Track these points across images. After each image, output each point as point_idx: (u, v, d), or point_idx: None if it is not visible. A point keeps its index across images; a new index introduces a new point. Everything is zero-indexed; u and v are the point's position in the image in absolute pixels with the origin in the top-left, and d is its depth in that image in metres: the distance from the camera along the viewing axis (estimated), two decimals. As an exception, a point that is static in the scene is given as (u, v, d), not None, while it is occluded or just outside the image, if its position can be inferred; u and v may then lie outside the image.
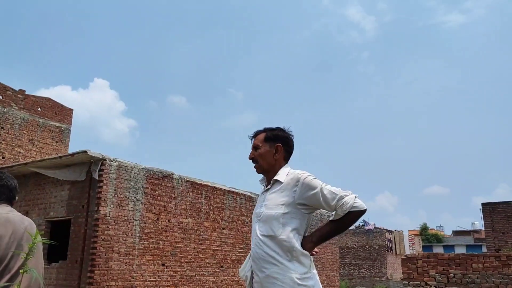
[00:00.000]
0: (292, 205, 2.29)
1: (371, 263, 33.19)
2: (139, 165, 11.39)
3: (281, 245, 2.24)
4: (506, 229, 20.80)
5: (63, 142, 18.42)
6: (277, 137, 2.51)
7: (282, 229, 2.26)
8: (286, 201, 2.30)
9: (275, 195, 2.36)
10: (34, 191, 12.01)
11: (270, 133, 2.54)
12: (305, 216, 2.32)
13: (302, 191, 2.28)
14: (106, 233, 10.27)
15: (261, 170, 2.53)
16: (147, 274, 11.00)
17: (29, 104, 17.39)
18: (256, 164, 2.53)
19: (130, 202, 10.93)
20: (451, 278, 9.56)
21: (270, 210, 2.32)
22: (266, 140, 2.51)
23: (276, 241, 2.26)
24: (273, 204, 2.33)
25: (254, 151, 2.53)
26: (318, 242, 2.30)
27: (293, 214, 2.29)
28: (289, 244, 2.24)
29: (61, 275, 10.57)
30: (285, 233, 2.25)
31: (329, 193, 2.25)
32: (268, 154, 2.49)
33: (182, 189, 12.39)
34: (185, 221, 12.29)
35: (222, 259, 13.22)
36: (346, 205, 2.21)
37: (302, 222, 2.31)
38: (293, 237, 2.25)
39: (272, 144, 2.50)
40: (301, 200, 2.29)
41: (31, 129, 17.21)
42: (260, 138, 2.54)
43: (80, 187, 10.90)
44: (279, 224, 2.27)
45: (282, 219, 2.27)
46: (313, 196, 2.26)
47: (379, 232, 33.94)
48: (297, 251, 2.23)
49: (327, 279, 18.11)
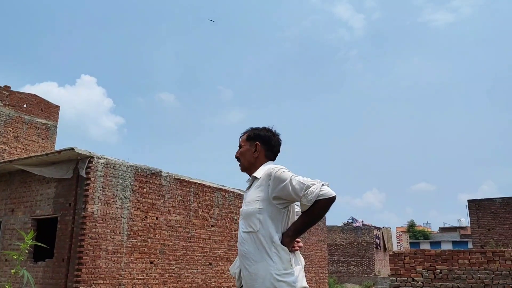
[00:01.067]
0: (267, 200, 2.30)
1: (359, 260, 33.44)
2: (127, 162, 11.30)
3: (260, 240, 2.25)
4: (491, 226, 21.11)
5: (50, 139, 18.19)
6: (257, 136, 2.57)
7: (260, 224, 2.27)
8: (262, 197, 2.31)
9: (253, 191, 2.40)
10: (19, 189, 11.84)
11: (251, 132, 2.61)
12: (281, 211, 2.31)
13: (274, 185, 2.29)
14: (93, 231, 10.17)
15: (243, 168, 2.59)
16: (135, 272, 10.93)
17: (15, 100, 17.13)
18: (239, 162, 2.61)
19: (118, 200, 10.84)
20: (437, 274, 9.67)
21: (248, 207, 2.35)
22: (248, 139, 2.59)
23: (255, 236, 2.27)
24: (250, 201, 2.37)
25: (238, 150, 2.63)
26: (294, 235, 2.28)
27: (268, 208, 2.29)
28: (267, 239, 2.24)
29: (48, 274, 10.45)
30: (263, 228, 2.26)
31: (297, 183, 2.24)
32: (248, 152, 2.56)
33: (171, 187, 12.33)
34: (173, 218, 12.24)
35: (211, 257, 13.20)
36: (312, 194, 2.19)
37: (279, 217, 2.30)
38: (271, 233, 2.25)
39: (252, 143, 2.56)
40: (274, 194, 2.29)
41: (17, 126, 16.97)
42: (243, 138, 2.63)
43: (67, 184, 10.78)
44: (256, 219, 2.29)
45: (258, 215, 2.29)
46: (283, 188, 2.26)
47: (367, 229, 34.21)
48: (277, 247, 2.23)
49: (315, 276, 18.20)
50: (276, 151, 2.60)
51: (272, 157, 2.57)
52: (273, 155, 2.58)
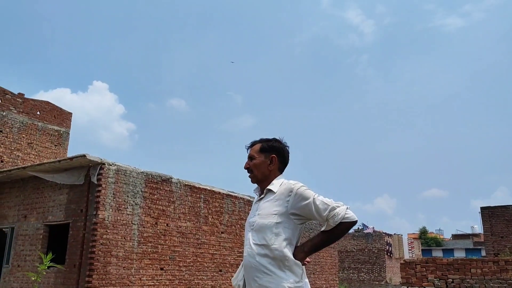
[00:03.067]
0: (285, 215, 2.32)
1: (370, 267, 33.14)
2: (138, 169, 11.39)
3: (274, 254, 2.26)
4: (505, 233, 20.80)
5: (62, 145, 18.41)
6: (272, 148, 2.56)
7: (275, 238, 2.28)
8: (279, 211, 2.33)
9: (268, 205, 2.39)
10: (32, 195, 12.00)
11: (265, 144, 2.58)
12: (298, 226, 2.35)
13: (295, 201, 2.31)
14: (104, 237, 10.25)
15: (256, 180, 2.57)
16: (145, 278, 10.98)
17: (28, 107, 17.39)
18: (251, 174, 2.58)
19: (129, 206, 10.92)
20: (449, 283, 9.56)
21: (263, 220, 2.35)
22: (261, 151, 2.56)
23: (269, 250, 2.28)
24: (266, 214, 2.36)
25: (250, 161, 2.58)
26: (309, 252, 2.32)
27: (285, 224, 2.31)
28: (281, 254, 2.26)
29: (59, 280, 10.55)
30: (278, 242, 2.27)
31: (321, 203, 2.27)
32: (262, 164, 2.53)
33: (181, 193, 12.39)
34: (183, 225, 12.28)
35: (221, 263, 13.21)
36: (338, 216, 2.23)
37: (294, 232, 2.33)
38: (285, 247, 2.27)
39: (267, 155, 2.54)
40: (293, 210, 2.31)
41: (30, 133, 17.20)
42: (255, 149, 2.59)
43: (79, 191, 10.89)
44: (272, 233, 2.29)
45: (275, 229, 2.30)
46: (305, 206, 2.29)
47: (378, 236, 33.91)
48: (290, 261, 2.25)
49: (326, 283, 18.09)
50: (287, 163, 2.62)
51: (283, 169, 2.59)
52: (284, 167, 2.60)
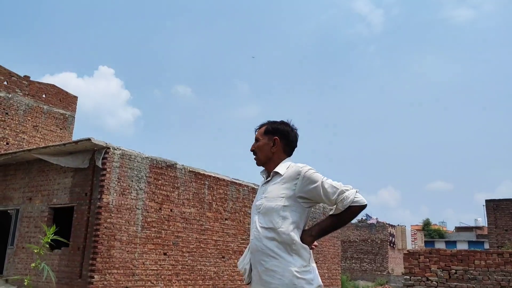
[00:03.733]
0: (292, 198, 2.28)
1: (373, 257, 33.23)
2: (143, 154, 11.37)
3: (281, 238, 2.23)
4: (509, 226, 20.74)
5: (67, 129, 18.44)
6: (276, 130, 2.53)
7: (282, 221, 2.25)
8: (287, 194, 2.29)
9: (275, 188, 2.35)
10: (37, 178, 12.04)
11: (270, 126, 2.56)
12: (305, 209, 2.31)
13: (303, 185, 2.27)
14: (108, 221, 10.28)
15: (260, 163, 2.54)
16: (148, 262, 11.03)
17: (34, 90, 17.38)
18: (255, 156, 2.56)
19: (133, 191, 10.93)
20: (452, 274, 9.52)
21: (270, 202, 2.31)
22: (266, 133, 2.54)
23: (276, 233, 2.24)
24: (273, 197, 2.32)
25: (255, 143, 2.57)
26: (317, 236, 2.29)
27: (293, 207, 2.27)
28: (288, 237, 2.22)
29: (63, 262, 10.62)
30: (285, 225, 2.24)
31: (330, 187, 2.23)
32: (265, 146, 2.50)
33: (185, 179, 12.38)
34: (187, 211, 12.30)
35: (224, 250, 13.25)
36: (347, 200, 2.20)
37: (302, 216, 2.29)
38: (292, 230, 2.23)
39: (270, 137, 2.51)
40: (301, 193, 2.28)
41: (36, 116, 17.23)
42: (260, 131, 2.57)
43: (84, 174, 10.91)
44: (279, 216, 2.26)
45: (282, 212, 2.26)
46: (313, 189, 2.25)
47: (381, 227, 33.94)
48: (297, 244, 2.22)
49: (328, 272, 18.14)
50: (294, 146, 2.57)
51: (289, 152, 2.55)
52: (290, 150, 2.55)
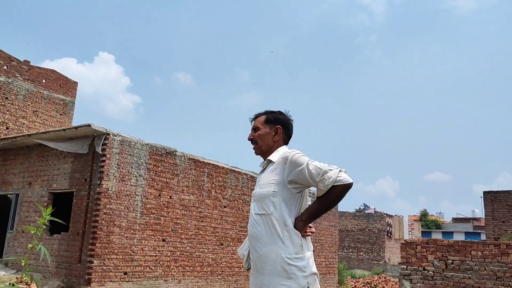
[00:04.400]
0: (281, 184, 2.30)
1: (370, 247, 33.46)
2: (142, 140, 11.37)
3: (273, 223, 2.25)
4: (506, 218, 20.84)
5: (67, 115, 18.41)
6: (277, 120, 2.55)
7: (273, 207, 2.27)
8: (277, 180, 2.31)
9: (267, 174, 2.39)
10: (37, 163, 12.05)
11: (270, 115, 2.57)
12: (295, 195, 2.31)
13: (290, 169, 2.28)
14: (108, 207, 10.33)
15: (260, 151, 2.55)
16: (147, 249, 11.11)
17: (34, 75, 17.31)
18: (255, 145, 2.57)
19: (133, 177, 10.96)
20: (449, 264, 9.60)
21: (262, 189, 2.35)
22: (266, 122, 2.55)
23: (268, 219, 2.27)
24: (264, 183, 2.36)
25: (254, 132, 2.57)
26: (308, 220, 2.28)
27: (283, 192, 2.29)
28: (279, 223, 2.24)
29: (63, 247, 10.69)
30: (277, 211, 2.26)
31: (314, 168, 2.22)
32: (267, 135, 2.52)
33: (185, 166, 12.41)
34: (186, 198, 12.35)
35: (222, 237, 13.33)
36: (329, 180, 2.18)
37: (292, 201, 2.30)
38: (284, 216, 2.25)
39: (272, 126, 2.53)
40: (290, 178, 2.28)
41: (35, 101, 17.18)
42: (260, 120, 2.57)
43: (83, 160, 10.92)
44: (270, 202, 2.28)
45: (273, 198, 2.28)
46: (299, 172, 2.25)
47: (379, 216, 34.12)
48: (289, 230, 2.23)
49: (325, 261, 18.28)
50: (291, 136, 2.61)
51: (287, 141, 2.58)
52: (288, 139, 2.59)
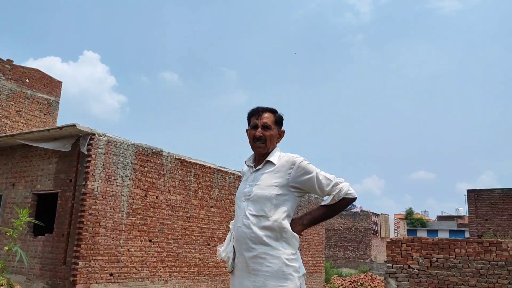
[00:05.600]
0: (285, 187, 2.31)
1: (356, 245, 33.71)
2: (128, 140, 11.28)
3: (272, 225, 2.25)
4: (489, 216, 21.19)
5: (51, 114, 18.16)
6: (282, 122, 2.52)
7: (274, 210, 2.28)
8: (280, 183, 2.31)
9: (268, 176, 2.35)
10: (20, 163, 11.87)
11: (277, 116, 2.50)
12: (296, 199, 2.36)
13: (297, 174, 2.30)
14: (93, 207, 10.22)
15: (264, 151, 2.44)
16: (133, 249, 11.02)
17: (17, 74, 17.03)
18: (263, 144, 2.42)
19: (119, 178, 10.86)
20: (434, 262, 9.72)
21: (262, 191, 2.31)
22: (276, 123, 2.48)
23: (267, 221, 2.26)
24: (266, 185, 2.33)
25: (264, 131, 2.42)
26: (308, 225, 2.34)
27: (285, 196, 2.31)
28: (280, 225, 2.25)
29: (47, 248, 10.55)
30: (277, 214, 2.27)
31: (324, 178, 2.29)
32: (275, 138, 2.47)
33: (171, 166, 12.34)
34: (173, 198, 12.29)
35: (209, 237, 13.30)
36: (342, 192, 2.28)
37: (293, 205, 2.34)
38: (284, 219, 2.27)
39: (279, 129, 2.51)
40: (294, 183, 2.31)
41: (19, 101, 16.92)
42: (271, 119, 2.46)
43: (68, 161, 10.79)
44: (272, 205, 2.28)
45: (275, 200, 2.28)
46: (308, 180, 2.29)
47: (365, 215, 34.38)
48: (288, 233, 2.26)
49: (312, 260, 18.36)
50: None
51: None
52: None
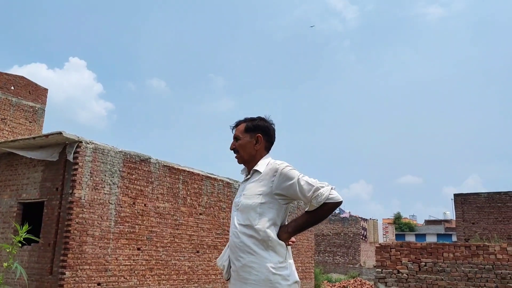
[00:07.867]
0: (269, 195, 2.29)
1: (346, 250, 33.79)
2: (116, 148, 11.18)
3: (258, 234, 2.24)
4: (476, 220, 21.41)
5: (37, 122, 17.93)
6: (257, 127, 2.49)
7: (258, 219, 2.26)
8: (264, 191, 2.30)
9: (254, 185, 2.36)
10: (6, 172, 11.68)
11: (250, 123, 2.51)
12: (282, 206, 2.32)
13: (279, 182, 2.28)
14: (80, 216, 10.09)
15: (242, 161, 2.51)
16: (122, 258, 10.89)
17: (2, 82, 16.81)
18: (237, 154, 2.52)
19: (106, 186, 10.75)
20: (422, 266, 9.79)
21: (247, 200, 2.33)
22: (247, 131, 2.49)
23: (253, 230, 2.26)
24: (251, 194, 2.34)
25: (235, 142, 2.51)
26: (293, 232, 2.30)
27: (270, 204, 2.29)
28: (265, 234, 2.24)
29: (33, 258, 10.37)
30: (262, 223, 2.26)
31: (306, 184, 2.24)
32: (248, 144, 2.47)
33: (159, 174, 12.26)
34: (161, 205, 12.19)
35: (198, 244, 13.21)
36: (321, 197, 2.20)
37: (279, 213, 2.31)
38: (269, 227, 2.25)
39: (252, 135, 2.48)
40: (278, 190, 2.29)
41: (3, 108, 16.68)
42: (240, 129, 2.52)
43: (54, 169, 10.65)
44: (256, 213, 2.28)
45: (259, 209, 2.28)
46: (290, 186, 2.26)
47: (354, 220, 34.53)
48: (273, 241, 2.24)
49: (302, 266, 18.35)
50: (273, 142, 2.57)
51: (269, 148, 2.54)
52: (270, 146, 2.55)
